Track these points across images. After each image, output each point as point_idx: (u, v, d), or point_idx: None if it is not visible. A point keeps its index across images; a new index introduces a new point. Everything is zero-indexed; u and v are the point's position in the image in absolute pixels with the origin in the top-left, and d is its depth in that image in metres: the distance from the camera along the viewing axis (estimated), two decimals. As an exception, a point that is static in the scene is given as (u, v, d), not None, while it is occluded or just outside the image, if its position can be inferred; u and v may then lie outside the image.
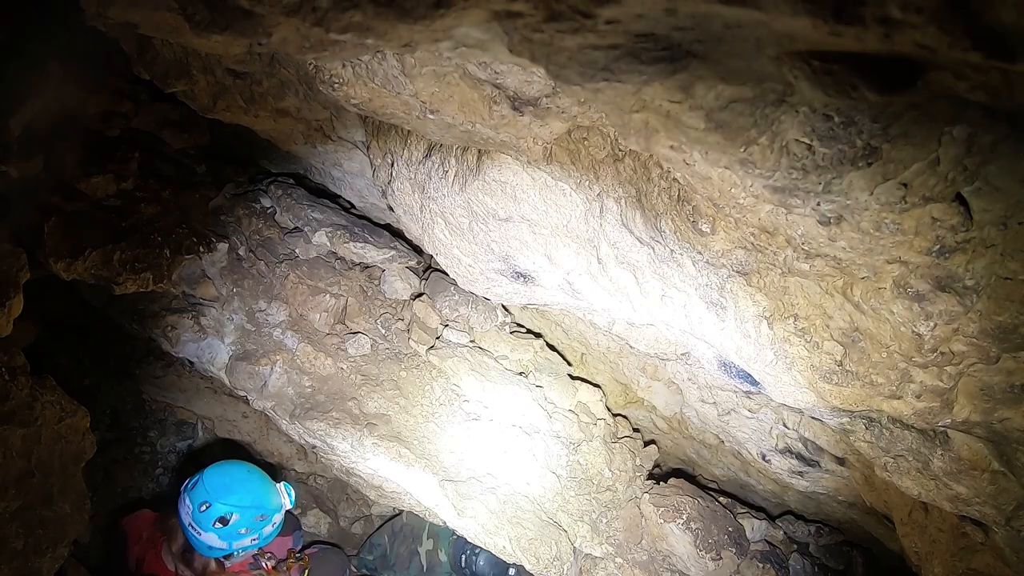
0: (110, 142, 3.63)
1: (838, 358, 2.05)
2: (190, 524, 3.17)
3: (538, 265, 2.67)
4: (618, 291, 2.49)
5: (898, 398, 2.09)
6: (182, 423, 4.44)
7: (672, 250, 2.16)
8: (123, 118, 3.69)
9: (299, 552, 3.89)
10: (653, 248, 2.22)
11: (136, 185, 3.70)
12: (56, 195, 3.47)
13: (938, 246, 1.64)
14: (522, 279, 2.79)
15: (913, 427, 2.31)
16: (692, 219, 1.94)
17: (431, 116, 2.14)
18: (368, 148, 3.23)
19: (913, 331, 1.85)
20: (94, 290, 3.71)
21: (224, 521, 3.15)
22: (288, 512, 3.93)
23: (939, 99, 1.13)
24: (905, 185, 1.44)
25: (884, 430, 2.40)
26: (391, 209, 3.39)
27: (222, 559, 3.32)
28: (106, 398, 4.21)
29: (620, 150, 2.11)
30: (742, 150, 1.31)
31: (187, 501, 3.19)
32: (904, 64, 0.93)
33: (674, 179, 1.93)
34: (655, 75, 1.06)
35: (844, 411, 2.30)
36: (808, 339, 2.06)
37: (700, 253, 2.08)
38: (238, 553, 3.29)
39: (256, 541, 3.28)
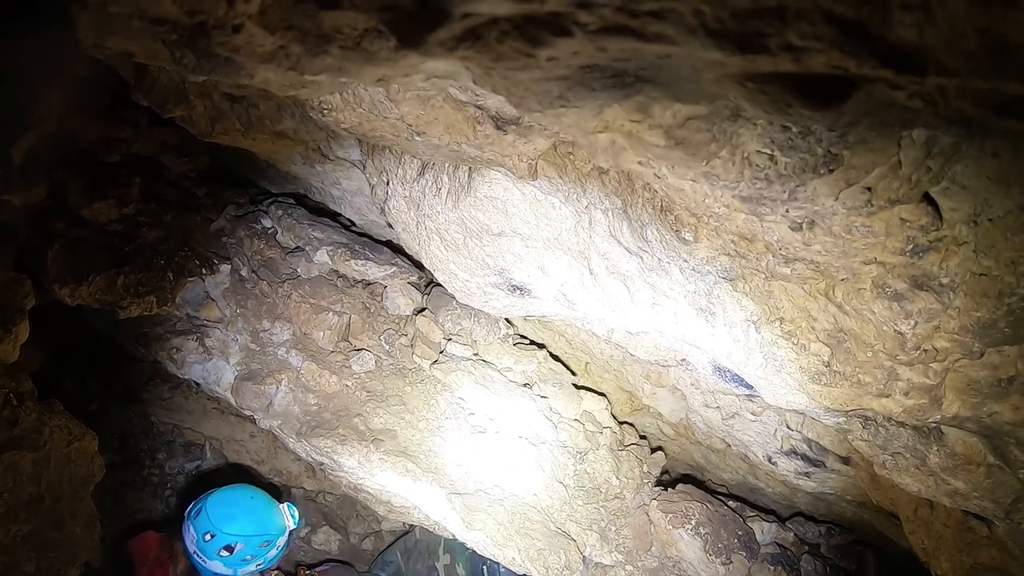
0: (111, 168, 3.74)
1: (825, 359, 2.12)
2: (195, 552, 3.24)
3: (533, 278, 2.75)
4: (611, 300, 2.56)
5: (887, 396, 2.16)
6: (190, 444, 4.54)
7: (659, 259, 2.24)
8: (123, 144, 3.80)
9: (309, 569, 3.97)
10: (642, 257, 2.30)
11: (138, 210, 3.80)
12: (59, 221, 3.58)
13: (911, 246, 1.71)
14: (518, 292, 2.87)
15: (907, 424, 2.38)
16: (675, 228, 2.02)
17: (418, 138, 2.23)
18: (364, 167, 3.32)
19: (895, 330, 1.92)
20: (99, 315, 3.81)
21: (229, 549, 3.21)
22: None
23: (890, 106, 1.20)
24: (870, 189, 1.51)
25: (880, 428, 2.46)
26: (390, 226, 3.47)
27: None
28: (114, 421, 4.30)
29: (602, 167, 2.20)
30: (704, 164, 1.39)
31: (191, 530, 3.25)
32: (838, 78, 1.00)
33: (655, 190, 2.01)
34: (610, 99, 1.13)
35: (837, 411, 2.36)
36: (795, 342, 2.13)
37: (686, 261, 2.15)
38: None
39: (261, 566, 3.36)
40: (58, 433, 3.02)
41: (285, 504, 3.46)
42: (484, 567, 4.32)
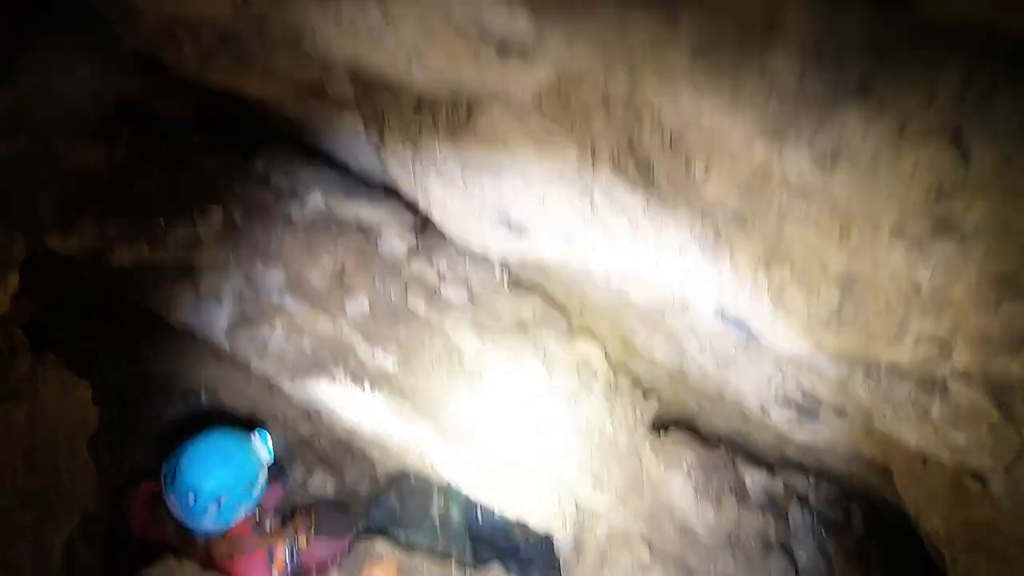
0: (99, 115, 3.56)
1: (835, 305, 2.00)
2: (184, 516, 3.12)
3: (532, 216, 2.61)
4: (612, 240, 2.43)
5: (896, 345, 2.04)
6: (187, 392, 4.41)
7: (666, 198, 2.10)
8: (111, 91, 3.61)
9: (305, 511, 3.88)
10: (647, 196, 2.16)
11: (127, 156, 3.63)
12: (47, 170, 3.41)
13: (936, 189, 1.58)
14: (516, 231, 2.73)
15: (911, 376, 2.26)
16: (685, 165, 1.89)
17: (416, 67, 2.08)
18: (359, 106, 3.16)
19: (911, 277, 1.80)
20: (91, 263, 3.66)
21: (216, 504, 3.10)
22: (273, 463, 3.88)
23: (934, 32, 1.07)
24: (902, 121, 1.38)
25: (882, 379, 2.34)
26: (385, 168, 3.32)
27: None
28: (109, 372, 4.14)
29: (611, 97, 2.04)
30: (730, 87, 1.25)
31: (172, 497, 3.11)
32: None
33: (665, 125, 1.87)
34: (636, 8, 1.00)
35: (842, 360, 2.25)
36: (805, 286, 2.01)
37: (694, 200, 2.02)
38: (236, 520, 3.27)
39: (250, 509, 3.25)
40: (51, 384, 2.93)
41: (256, 432, 3.29)
42: (479, 511, 4.24)
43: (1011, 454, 2.18)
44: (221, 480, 3.09)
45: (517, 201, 2.57)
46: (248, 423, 3.56)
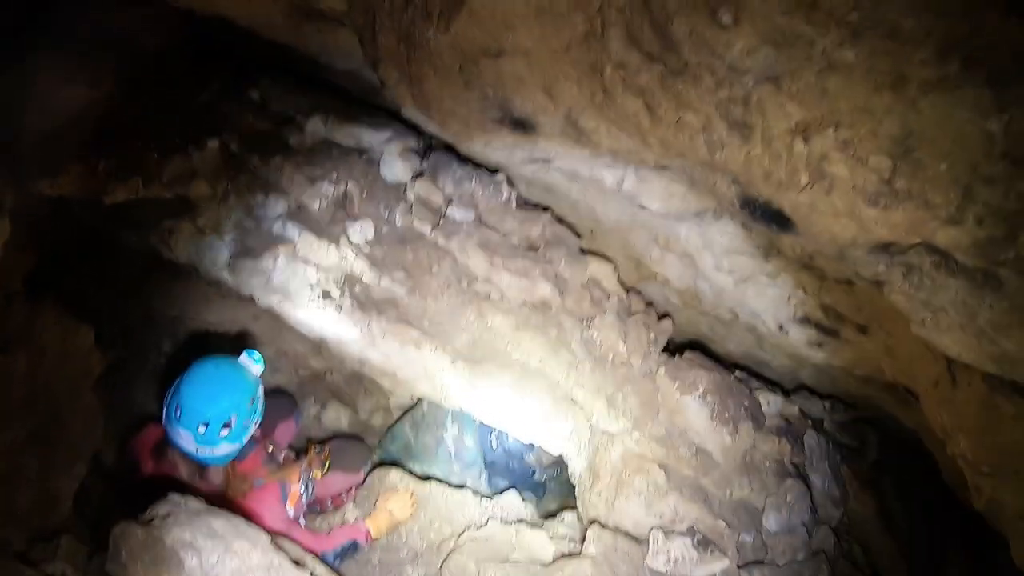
0: (80, 49, 3.19)
1: (886, 175, 1.61)
2: (198, 450, 2.82)
3: (538, 105, 2.24)
4: (627, 123, 2.04)
5: (957, 224, 1.66)
6: (194, 333, 4.09)
7: (687, 61, 1.71)
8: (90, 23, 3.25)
9: (320, 445, 3.59)
10: (665, 63, 1.78)
11: (112, 90, 3.27)
12: (31, 110, 3.06)
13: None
14: (522, 127, 2.36)
15: (962, 271, 1.88)
16: (712, 9, 1.50)
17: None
18: (350, 11, 2.78)
19: (982, 128, 1.42)
20: (87, 206, 3.34)
21: (228, 427, 2.80)
22: (283, 395, 3.60)
23: None
24: None
25: (926, 278, 1.96)
26: (383, 86, 2.95)
27: (234, 461, 2.99)
28: (115, 316, 3.84)
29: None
30: None
31: (181, 432, 2.80)
32: None
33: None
34: None
35: (886, 248, 1.88)
36: (851, 153, 1.62)
37: (721, 57, 1.63)
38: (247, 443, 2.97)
39: (258, 423, 2.95)
40: (51, 330, 2.74)
41: (244, 354, 3.00)
42: (492, 436, 3.93)
43: None
44: (227, 402, 2.79)
45: (520, 89, 2.19)
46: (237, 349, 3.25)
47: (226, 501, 2.95)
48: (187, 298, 3.95)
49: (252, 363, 2.96)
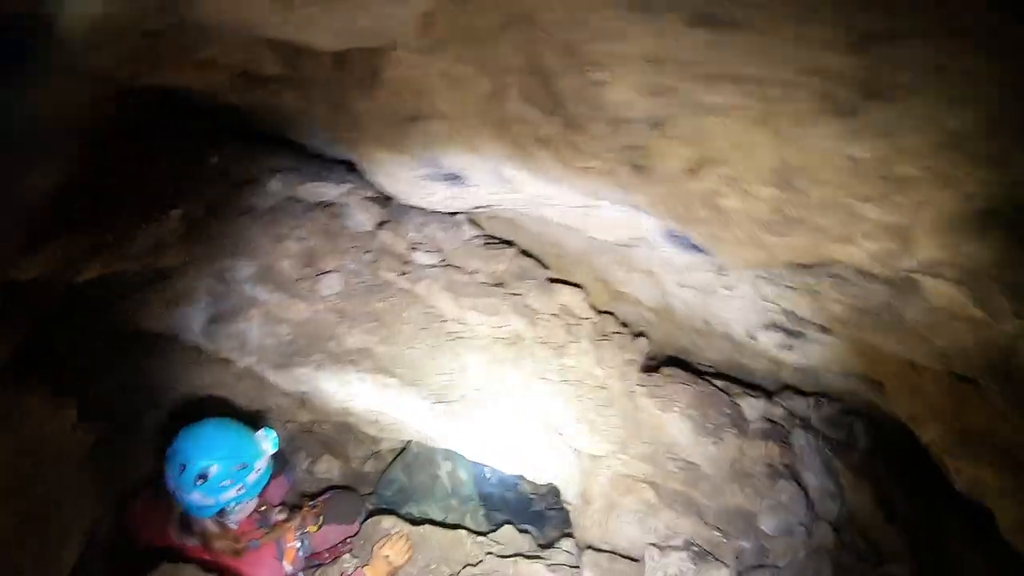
0: (35, 136, 3.32)
1: (775, 204, 1.72)
2: (175, 490, 2.95)
3: (464, 161, 2.36)
4: (542, 171, 2.17)
5: (849, 242, 1.77)
6: (181, 399, 4.20)
7: (578, 114, 1.83)
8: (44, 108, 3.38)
9: (313, 499, 3.69)
10: (563, 117, 1.90)
11: (74, 171, 3.40)
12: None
13: (858, 36, 1.30)
14: (453, 180, 2.48)
15: (880, 278, 1.98)
16: (584, 69, 1.61)
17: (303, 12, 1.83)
18: (291, 80, 2.90)
19: (846, 155, 1.53)
20: (59, 285, 3.46)
21: (204, 477, 2.90)
22: (276, 455, 3.70)
23: None
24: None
25: (852, 286, 2.07)
26: (333, 142, 3.08)
27: (221, 520, 3.09)
28: (101, 389, 3.95)
29: (504, 15, 1.77)
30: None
31: (168, 469, 2.95)
32: None
33: (556, 35, 1.60)
34: None
35: (800, 266, 1.98)
36: (739, 187, 1.73)
37: (606, 110, 1.75)
38: (232, 507, 3.06)
39: (243, 491, 3.04)
40: (35, 412, 2.83)
41: (262, 429, 3.13)
42: (487, 469, 4.02)
43: (998, 352, 1.91)
44: (212, 454, 2.91)
45: (448, 147, 2.31)
46: (254, 421, 3.36)
47: (221, 566, 3.05)
48: (170, 365, 4.06)
49: (264, 438, 3.07)
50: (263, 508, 3.32)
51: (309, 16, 1.84)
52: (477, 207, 2.77)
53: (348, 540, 3.69)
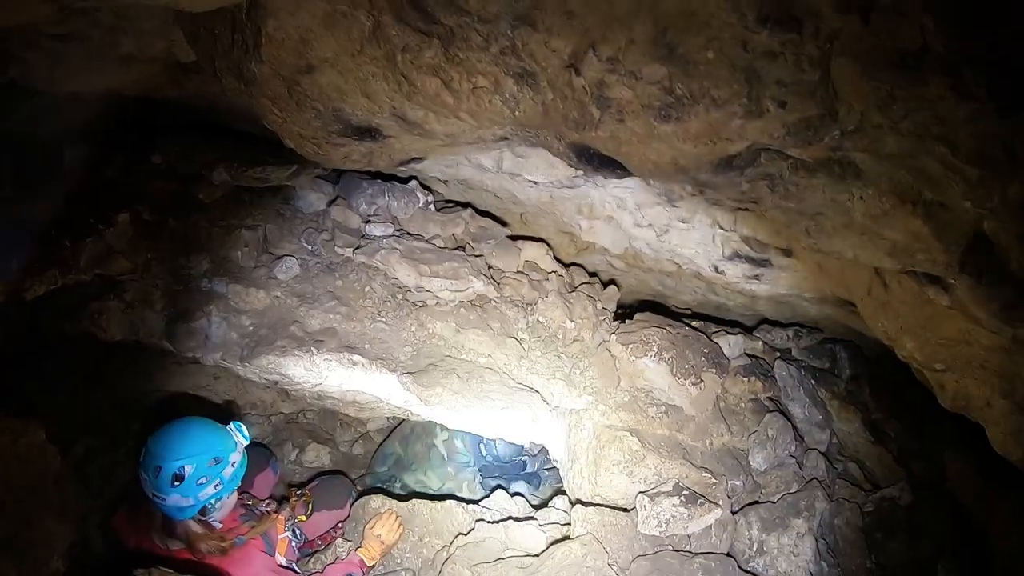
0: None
1: (664, 81, 1.64)
2: (153, 495, 2.92)
3: (369, 112, 2.32)
4: (438, 104, 2.11)
5: (759, 116, 1.67)
6: (159, 405, 4.19)
7: (449, 26, 1.78)
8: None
9: (300, 488, 3.67)
10: (437, 35, 1.85)
11: (15, 186, 3.40)
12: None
13: None
14: (369, 135, 2.44)
15: (819, 167, 1.88)
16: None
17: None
18: (199, 55, 2.87)
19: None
20: (12, 305, 3.45)
21: (179, 478, 2.88)
22: (257, 447, 3.69)
23: None
24: None
25: (789, 184, 1.98)
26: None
27: (203, 519, 3.07)
28: (84, 405, 3.95)
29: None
30: None
31: (142, 475, 2.93)
32: None
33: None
34: None
35: (730, 163, 1.90)
36: (621, 71, 1.65)
37: (468, 12, 1.68)
38: (211, 505, 3.04)
39: (220, 487, 3.01)
40: (3, 435, 2.78)
41: (231, 424, 3.10)
42: (479, 436, 3.99)
43: (960, 242, 1.79)
44: (185, 452, 2.89)
45: (344, 99, 2.26)
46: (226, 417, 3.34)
47: (209, 567, 3.03)
48: (146, 373, 4.05)
49: (235, 432, 3.06)
50: (251, 503, 3.30)
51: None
52: (404, 163, 2.72)
53: (339, 524, 3.68)
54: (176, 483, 2.88)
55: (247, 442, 3.11)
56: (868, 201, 1.89)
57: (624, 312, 3.82)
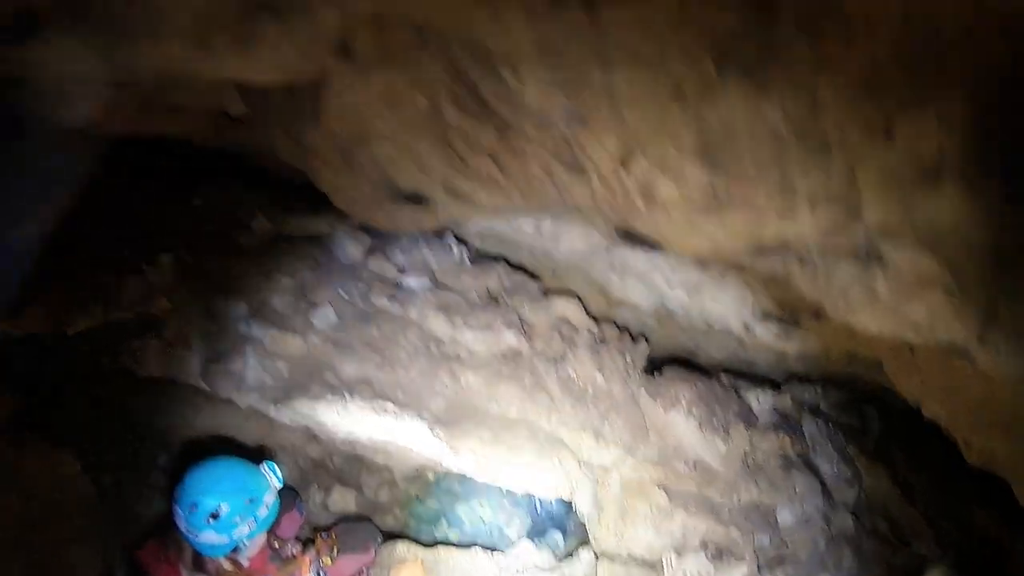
0: (21, 191, 3.47)
1: (706, 182, 1.76)
2: (187, 531, 3.03)
3: (417, 179, 2.45)
4: (490, 181, 2.24)
5: (790, 217, 1.80)
6: (188, 442, 4.31)
7: (508, 118, 1.91)
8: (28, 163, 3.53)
9: (326, 531, 3.76)
10: (492, 122, 1.97)
11: (61, 223, 3.55)
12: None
13: None
14: (415, 201, 2.56)
15: (847, 252, 1.99)
16: (496, 72, 1.68)
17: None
18: (255, 116, 3.01)
19: (765, 120, 1.55)
20: (53, 338, 3.58)
21: (215, 515, 2.98)
22: (285, 489, 3.78)
23: None
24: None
25: (819, 265, 2.09)
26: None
27: (234, 557, 3.17)
28: (109, 438, 4.07)
29: (413, 30, 1.84)
30: None
31: (177, 510, 3.04)
32: None
33: (469, 42, 1.67)
34: None
35: (750, 251, 2.01)
36: (667, 171, 1.78)
37: (529, 112, 1.81)
38: (243, 544, 3.14)
39: (254, 527, 3.12)
40: (36, 466, 2.98)
41: (264, 463, 3.21)
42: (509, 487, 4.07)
43: (977, 318, 1.89)
44: (221, 491, 2.99)
45: (397, 166, 2.40)
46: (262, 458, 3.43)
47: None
48: (173, 409, 4.17)
49: (268, 473, 3.15)
50: (277, 544, 3.39)
51: (232, 56, 1.93)
52: (447, 225, 2.84)
53: (364, 570, 3.75)
54: (211, 520, 2.99)
55: (281, 485, 3.22)
56: (891, 284, 1.98)
57: (654, 366, 3.90)
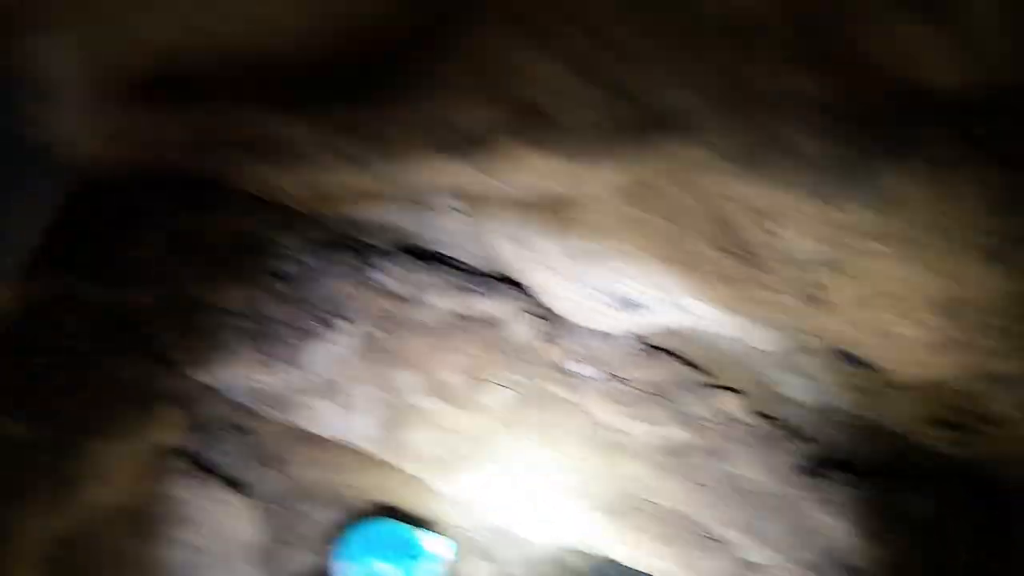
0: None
1: (942, 331, 2.14)
2: None
3: (642, 293, 2.84)
4: (724, 305, 2.63)
5: (1008, 357, 2.16)
6: (346, 500, 4.71)
7: (759, 257, 2.29)
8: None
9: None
10: (747, 260, 2.36)
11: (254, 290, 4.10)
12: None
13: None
14: (629, 307, 2.95)
15: None
16: (765, 226, 2.09)
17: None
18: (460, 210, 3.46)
19: (1004, 291, 1.91)
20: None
21: None
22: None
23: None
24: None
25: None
26: (497, 261, 3.60)
27: None
28: (267, 488, 4.49)
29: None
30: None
31: (337, 568, 3.30)
32: None
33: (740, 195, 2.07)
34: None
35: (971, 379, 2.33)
36: (909, 317, 2.14)
37: (784, 253, 2.20)
38: None
39: None
40: (212, 503, 3.42)
41: (434, 535, 3.51)
42: None
43: None
44: (378, 555, 3.28)
45: (624, 282, 2.80)
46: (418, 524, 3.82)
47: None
48: (334, 466, 4.61)
49: (439, 544, 3.44)
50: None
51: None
52: (643, 329, 3.22)
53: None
54: None
55: (452, 557, 3.52)
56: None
57: (815, 467, 4.17)
